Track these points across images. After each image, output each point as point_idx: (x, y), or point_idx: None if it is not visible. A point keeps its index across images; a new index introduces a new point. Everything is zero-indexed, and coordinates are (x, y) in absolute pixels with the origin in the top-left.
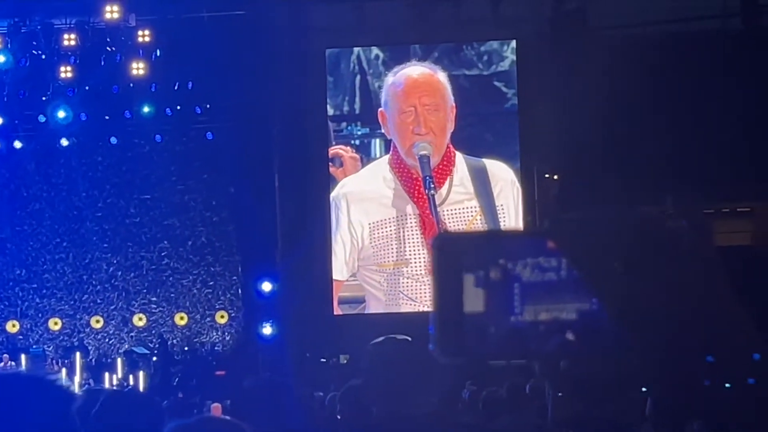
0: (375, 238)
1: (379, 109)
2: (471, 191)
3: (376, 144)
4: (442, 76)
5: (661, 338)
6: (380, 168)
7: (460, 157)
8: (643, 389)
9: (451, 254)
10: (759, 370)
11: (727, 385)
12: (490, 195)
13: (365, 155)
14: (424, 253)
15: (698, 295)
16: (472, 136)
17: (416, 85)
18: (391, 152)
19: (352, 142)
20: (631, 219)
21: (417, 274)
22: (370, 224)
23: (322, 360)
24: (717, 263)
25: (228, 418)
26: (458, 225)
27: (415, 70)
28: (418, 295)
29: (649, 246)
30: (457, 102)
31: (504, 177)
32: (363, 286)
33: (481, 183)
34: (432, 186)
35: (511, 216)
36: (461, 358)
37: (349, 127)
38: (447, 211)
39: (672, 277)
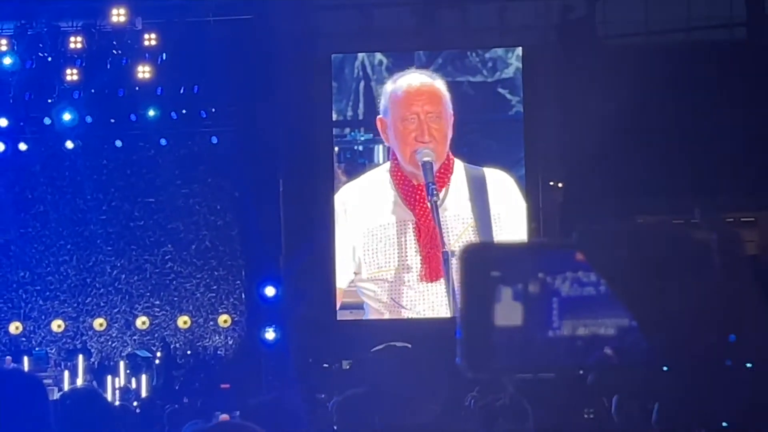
0: (370, 245)
1: (378, 117)
2: (467, 199)
3: (379, 150)
4: (441, 85)
5: (691, 347)
6: (380, 175)
7: (459, 165)
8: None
9: (483, 266)
10: None
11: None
12: (486, 204)
13: (368, 161)
14: (418, 262)
15: (730, 305)
16: (475, 143)
17: (419, 92)
18: (390, 159)
19: (355, 147)
20: (660, 231)
21: (411, 283)
22: (366, 231)
23: (325, 365)
24: (747, 274)
25: (245, 422)
26: (451, 233)
27: (416, 78)
28: (412, 303)
29: (679, 259)
30: (460, 109)
31: (503, 187)
32: (359, 294)
33: (478, 192)
34: (435, 193)
35: (507, 227)
36: (489, 373)
37: (353, 133)
38: (441, 218)
39: (703, 288)
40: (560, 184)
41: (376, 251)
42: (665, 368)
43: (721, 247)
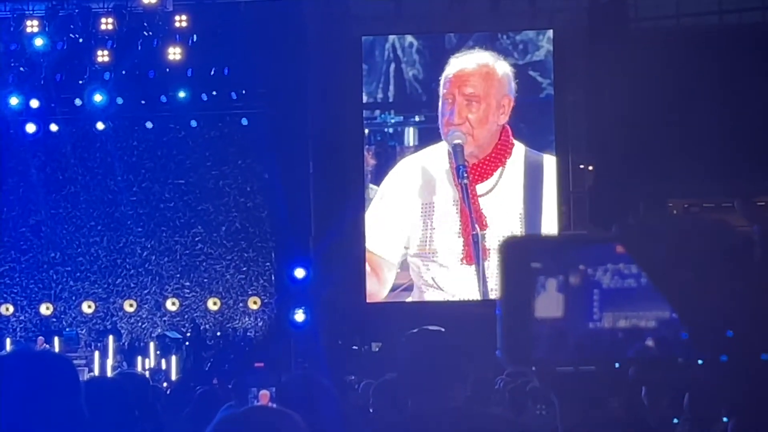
0: (419, 221)
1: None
2: (520, 185)
3: (410, 132)
4: (501, 67)
5: (731, 345)
6: (439, 152)
7: (519, 149)
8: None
9: (523, 258)
10: None
11: None
12: (539, 190)
13: (398, 143)
14: (459, 242)
15: None
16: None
17: (462, 74)
18: None
19: (386, 129)
20: (701, 225)
21: (450, 264)
22: (417, 206)
23: (354, 347)
24: None
25: (280, 408)
26: (498, 217)
27: (470, 59)
28: (445, 284)
29: (719, 251)
30: None
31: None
32: (409, 270)
33: (533, 178)
34: (465, 175)
35: (554, 212)
36: (529, 366)
37: (383, 115)
38: (490, 201)
39: (744, 284)
40: (590, 167)
41: (424, 228)
42: (700, 361)
43: (762, 240)
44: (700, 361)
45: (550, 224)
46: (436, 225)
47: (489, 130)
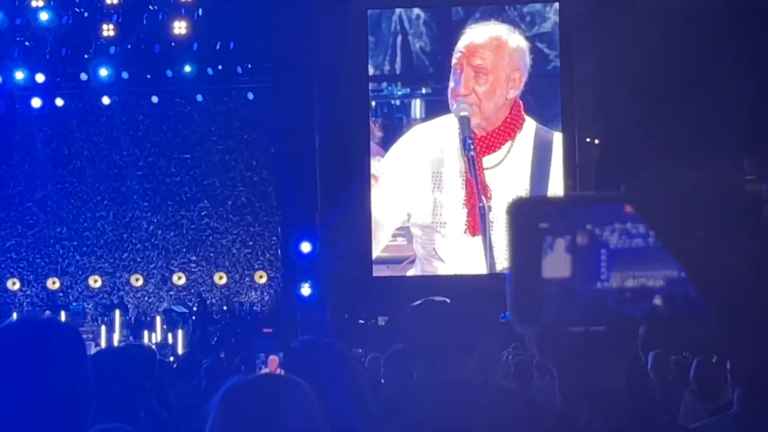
0: (426, 190)
1: None
2: (529, 160)
3: (416, 104)
4: (513, 40)
5: (739, 303)
6: (450, 122)
7: (530, 124)
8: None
9: (531, 219)
10: None
11: None
12: (547, 168)
13: (405, 116)
14: (463, 214)
15: None
16: None
17: (472, 45)
18: None
19: (392, 102)
20: (710, 183)
21: (452, 235)
22: (424, 175)
23: (361, 321)
24: None
25: (288, 375)
26: (505, 190)
27: (482, 31)
28: (446, 255)
29: (729, 210)
30: None
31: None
32: (412, 237)
33: (542, 155)
34: (471, 147)
35: (560, 186)
36: (538, 326)
37: (389, 87)
38: (497, 174)
39: (753, 242)
40: (597, 141)
41: (432, 198)
42: None
43: None
44: None
45: None
46: (444, 195)
47: (497, 103)
